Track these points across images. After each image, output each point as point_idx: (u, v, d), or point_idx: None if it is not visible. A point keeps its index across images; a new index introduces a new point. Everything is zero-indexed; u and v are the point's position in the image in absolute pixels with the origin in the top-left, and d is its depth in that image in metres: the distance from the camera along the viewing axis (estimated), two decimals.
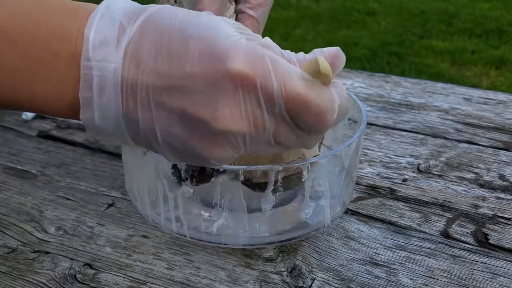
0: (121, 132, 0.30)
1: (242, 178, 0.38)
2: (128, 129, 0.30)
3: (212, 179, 0.40)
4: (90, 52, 0.28)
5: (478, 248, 0.44)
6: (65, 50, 0.29)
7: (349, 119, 0.49)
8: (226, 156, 0.30)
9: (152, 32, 0.29)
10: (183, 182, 0.39)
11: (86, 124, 0.30)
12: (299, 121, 0.29)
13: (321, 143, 0.44)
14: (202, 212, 0.41)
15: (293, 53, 0.31)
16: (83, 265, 0.42)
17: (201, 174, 0.40)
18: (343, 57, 0.31)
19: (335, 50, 0.31)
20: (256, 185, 0.40)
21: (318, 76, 0.29)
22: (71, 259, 0.42)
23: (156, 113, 0.29)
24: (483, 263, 0.42)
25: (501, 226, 0.47)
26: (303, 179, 0.38)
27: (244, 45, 0.28)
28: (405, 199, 0.50)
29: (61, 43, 0.29)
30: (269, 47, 0.30)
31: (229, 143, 0.29)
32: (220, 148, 0.30)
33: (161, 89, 0.28)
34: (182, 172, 0.39)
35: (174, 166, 0.39)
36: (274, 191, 0.38)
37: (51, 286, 0.40)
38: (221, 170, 0.39)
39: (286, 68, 0.29)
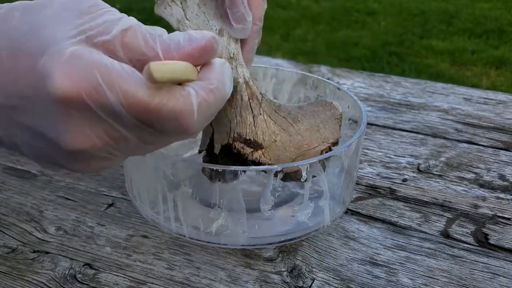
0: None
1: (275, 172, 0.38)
2: None
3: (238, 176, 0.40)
4: None
5: (478, 248, 0.44)
6: None
7: (349, 119, 0.49)
8: (103, 166, 0.29)
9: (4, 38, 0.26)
10: (211, 181, 0.39)
11: None
12: (159, 128, 0.27)
13: (340, 125, 0.43)
14: (202, 212, 0.42)
15: (166, 35, 0.27)
16: (83, 265, 0.42)
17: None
18: (213, 49, 0.28)
19: (203, 42, 0.27)
20: (287, 175, 0.40)
21: (186, 80, 0.26)
22: (71, 259, 0.42)
23: (13, 129, 0.27)
24: (483, 263, 0.42)
25: (501, 226, 0.47)
26: (302, 180, 0.38)
27: (66, 58, 0.25)
28: (405, 199, 0.50)
29: None
30: (112, 43, 0.26)
31: (94, 158, 0.28)
32: (88, 163, 0.28)
33: (7, 107, 0.27)
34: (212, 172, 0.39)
35: (203, 169, 0.39)
36: (273, 191, 0.38)
37: (51, 286, 0.40)
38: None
39: (124, 76, 0.25)
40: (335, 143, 0.42)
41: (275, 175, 0.37)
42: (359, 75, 0.77)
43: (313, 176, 0.39)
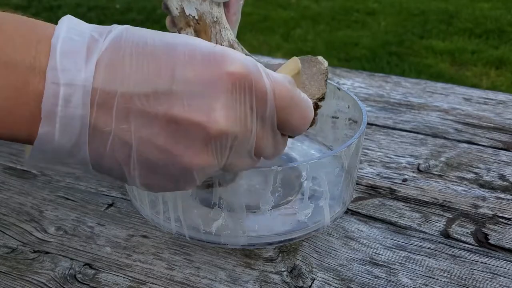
0: (81, 151, 0.28)
1: None
2: (90, 146, 0.28)
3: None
4: (57, 60, 0.26)
5: (478, 248, 0.44)
6: (24, 59, 0.26)
7: (349, 119, 0.49)
8: (211, 164, 0.29)
9: (130, 41, 0.27)
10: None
11: (41, 142, 0.27)
12: (285, 121, 0.31)
13: (325, 80, 0.44)
14: (202, 212, 0.41)
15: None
16: (83, 265, 0.42)
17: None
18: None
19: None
20: None
21: (296, 76, 0.31)
22: (71, 259, 0.42)
23: (136, 122, 0.27)
24: (483, 263, 0.42)
25: (501, 226, 0.47)
26: (302, 180, 0.38)
27: (233, 51, 0.29)
28: (405, 199, 0.50)
29: (19, 52, 0.26)
30: None
31: (217, 148, 0.29)
32: (207, 155, 0.29)
33: (145, 96, 0.27)
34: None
35: None
36: (273, 191, 0.38)
37: (51, 286, 0.40)
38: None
39: (272, 71, 0.30)
40: (321, 99, 0.42)
41: (275, 174, 0.37)
42: (359, 75, 0.77)
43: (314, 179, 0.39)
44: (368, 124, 0.63)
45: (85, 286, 0.40)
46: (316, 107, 0.41)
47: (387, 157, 0.57)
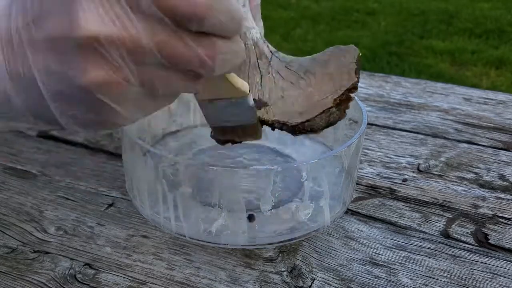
0: (11, 97, 0.28)
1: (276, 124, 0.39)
2: (16, 90, 0.28)
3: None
4: None
5: (478, 248, 0.44)
6: None
7: (350, 119, 0.49)
8: (109, 79, 0.27)
9: None
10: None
11: None
12: (173, 12, 0.25)
13: (357, 68, 0.41)
14: (202, 212, 0.42)
15: None
16: (83, 265, 0.42)
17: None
18: None
19: None
20: (295, 128, 0.39)
21: None
22: (71, 259, 0.42)
23: (31, 54, 0.27)
24: (483, 263, 0.42)
25: (501, 226, 0.47)
26: (302, 180, 0.38)
27: None
28: (405, 199, 0.50)
29: None
30: None
31: (102, 56, 0.26)
32: (96, 67, 0.26)
33: (27, 24, 0.27)
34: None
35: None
36: (273, 191, 0.38)
37: (51, 286, 0.40)
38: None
39: None
40: (352, 89, 0.39)
41: (275, 174, 0.37)
42: None
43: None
44: (368, 124, 0.63)
45: (85, 286, 0.40)
46: (347, 97, 0.39)
47: (387, 157, 0.57)
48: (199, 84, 0.30)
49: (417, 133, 0.62)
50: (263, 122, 0.39)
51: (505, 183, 0.53)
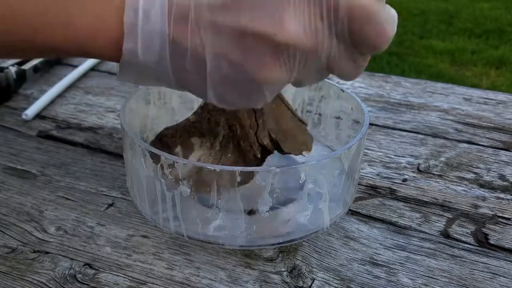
0: (164, 67, 0.29)
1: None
2: (172, 62, 0.28)
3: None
4: None
5: (478, 248, 0.44)
6: None
7: (353, 121, 0.49)
8: (280, 77, 0.29)
9: None
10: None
11: (128, 58, 0.28)
12: (359, 37, 0.29)
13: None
14: (200, 212, 0.42)
15: None
16: (83, 265, 0.42)
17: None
18: None
19: None
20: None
21: None
22: (71, 259, 0.42)
23: (208, 36, 0.27)
24: (483, 263, 0.42)
25: (501, 226, 0.47)
26: (300, 182, 0.38)
27: None
28: (405, 199, 0.50)
29: None
30: None
31: (287, 60, 0.28)
32: (276, 67, 0.28)
33: (216, 8, 0.27)
34: None
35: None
36: (271, 192, 0.38)
37: (51, 286, 0.40)
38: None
39: None
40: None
41: (273, 176, 0.37)
42: None
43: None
44: (368, 124, 0.63)
45: (85, 286, 0.40)
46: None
47: (387, 157, 0.57)
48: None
49: (417, 133, 0.62)
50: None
51: (505, 183, 0.53)
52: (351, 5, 0.27)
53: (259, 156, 0.42)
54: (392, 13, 0.29)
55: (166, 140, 0.44)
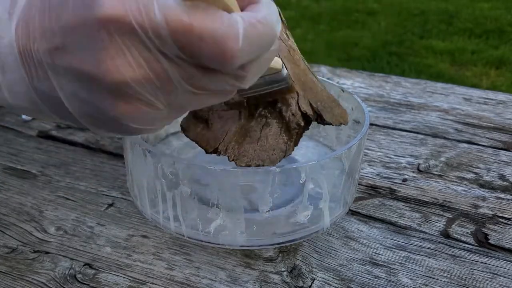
0: (40, 107, 0.28)
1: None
2: (44, 102, 0.28)
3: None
4: None
5: (478, 248, 0.44)
6: None
7: (353, 120, 0.49)
8: (143, 116, 0.27)
9: None
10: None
11: (4, 105, 0.29)
12: (199, 58, 0.25)
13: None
14: (200, 212, 0.42)
15: None
16: (83, 265, 0.42)
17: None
18: None
19: None
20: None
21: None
22: (71, 259, 0.42)
23: (54, 78, 0.27)
24: (483, 263, 0.42)
25: (501, 226, 0.47)
26: (301, 181, 0.38)
27: None
28: (405, 199, 0.50)
29: None
30: None
31: (135, 98, 0.26)
32: (130, 106, 0.27)
33: (49, 50, 0.26)
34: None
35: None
36: (272, 192, 0.38)
37: (51, 286, 0.40)
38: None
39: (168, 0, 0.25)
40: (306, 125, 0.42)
41: (273, 176, 0.37)
42: (359, 75, 0.77)
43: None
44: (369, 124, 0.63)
45: (85, 286, 0.40)
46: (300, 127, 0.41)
47: (387, 157, 0.57)
48: (231, 94, 0.30)
49: (417, 133, 0.62)
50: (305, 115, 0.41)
51: (505, 183, 0.53)
52: (171, 27, 0.24)
53: (302, 124, 0.41)
54: (229, 20, 0.25)
55: (201, 114, 0.43)
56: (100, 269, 0.41)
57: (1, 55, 0.27)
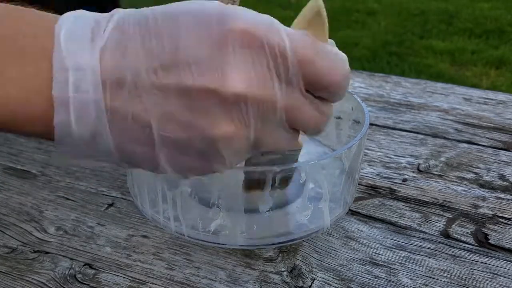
0: (102, 140, 0.27)
1: None
2: (113, 132, 0.27)
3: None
4: (61, 45, 0.26)
5: (478, 248, 0.44)
6: (32, 45, 0.26)
7: (353, 121, 0.49)
8: (235, 134, 0.27)
9: (132, 21, 0.27)
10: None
11: (60, 132, 0.27)
12: (313, 80, 0.28)
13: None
14: (200, 212, 0.42)
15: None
16: (83, 265, 0.42)
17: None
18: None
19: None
20: None
21: (316, 19, 0.30)
22: (71, 259, 0.42)
23: (150, 100, 0.26)
24: (483, 263, 0.42)
25: (501, 226, 0.47)
26: (301, 181, 0.38)
27: (242, 9, 0.27)
28: (405, 199, 0.50)
29: (28, 38, 0.26)
30: None
31: (239, 114, 0.27)
32: (228, 122, 0.27)
33: (153, 70, 0.26)
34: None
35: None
36: (272, 192, 0.38)
37: (51, 286, 0.40)
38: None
39: (288, 28, 0.28)
40: None
41: (273, 176, 0.37)
42: (359, 75, 0.77)
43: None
44: (369, 124, 0.63)
45: (85, 286, 0.40)
46: None
47: (387, 157, 0.57)
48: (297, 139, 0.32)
49: (417, 133, 0.62)
50: None
51: (505, 183, 0.53)
52: (298, 49, 0.27)
53: None
54: (337, 50, 0.30)
55: None
56: (100, 269, 0.41)
57: (82, 71, 0.26)
